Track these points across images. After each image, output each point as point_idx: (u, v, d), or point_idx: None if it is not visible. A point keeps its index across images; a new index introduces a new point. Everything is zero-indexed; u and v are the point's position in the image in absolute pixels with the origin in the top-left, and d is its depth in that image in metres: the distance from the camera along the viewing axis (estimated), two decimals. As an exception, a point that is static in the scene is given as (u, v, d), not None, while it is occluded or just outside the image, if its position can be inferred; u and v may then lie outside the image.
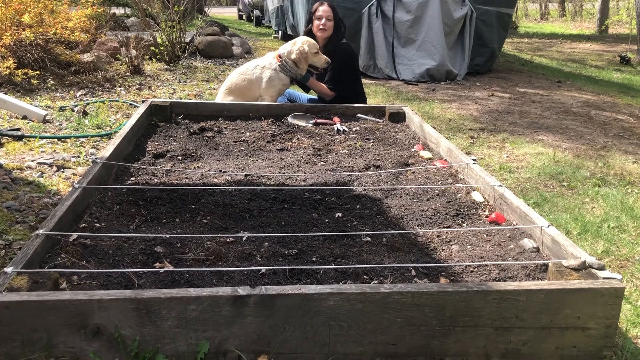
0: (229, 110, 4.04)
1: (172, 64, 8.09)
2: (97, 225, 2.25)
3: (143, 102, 4.03)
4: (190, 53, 8.78)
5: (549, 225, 2.19)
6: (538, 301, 1.73)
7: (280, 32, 13.50)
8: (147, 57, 7.86)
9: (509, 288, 1.73)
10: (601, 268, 1.88)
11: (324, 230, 2.33)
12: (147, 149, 3.27)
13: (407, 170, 3.09)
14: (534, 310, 1.73)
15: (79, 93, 5.84)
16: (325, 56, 4.16)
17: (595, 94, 7.77)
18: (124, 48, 7.51)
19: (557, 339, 1.78)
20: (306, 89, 4.69)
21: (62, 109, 5.06)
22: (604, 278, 1.81)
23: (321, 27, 4.29)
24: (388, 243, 2.26)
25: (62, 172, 3.46)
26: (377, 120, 4.14)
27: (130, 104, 5.47)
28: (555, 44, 15.43)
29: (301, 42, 4.14)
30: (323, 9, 4.30)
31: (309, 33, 4.39)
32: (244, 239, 2.20)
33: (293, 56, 4.12)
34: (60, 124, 4.58)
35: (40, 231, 1.97)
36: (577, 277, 1.84)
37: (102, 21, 8.81)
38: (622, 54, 11.73)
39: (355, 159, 3.28)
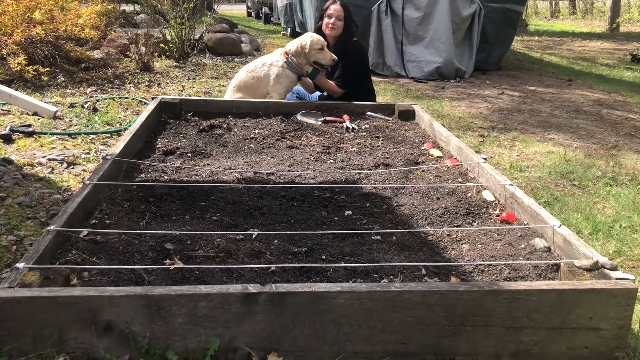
0: (238, 107, 4.04)
1: (181, 61, 8.11)
2: (108, 221, 2.25)
3: (152, 99, 4.04)
4: (199, 50, 8.80)
5: (560, 225, 2.17)
6: (550, 301, 1.71)
7: (288, 29, 13.49)
8: (157, 54, 7.88)
9: (520, 288, 1.72)
10: (614, 268, 1.86)
11: (333, 229, 2.33)
12: (157, 146, 3.27)
13: (416, 169, 3.08)
14: (546, 310, 1.72)
15: (89, 90, 5.87)
16: (331, 53, 4.13)
17: (606, 93, 7.70)
18: (133, 45, 7.53)
19: (568, 339, 1.76)
20: (315, 87, 4.67)
21: (72, 105, 5.08)
22: (616, 279, 1.80)
23: (330, 25, 4.27)
24: (398, 241, 2.25)
25: (73, 168, 3.48)
26: (386, 118, 4.13)
27: (140, 101, 5.49)
28: (565, 42, 15.32)
29: (305, 38, 4.13)
30: (334, 8, 4.27)
31: (319, 30, 4.38)
32: (254, 236, 2.20)
33: (293, 50, 4.11)
34: (71, 121, 4.60)
35: (51, 227, 1.98)
36: (590, 278, 1.83)
37: (111, 18, 8.85)
38: (634, 53, 11.62)
39: (365, 157, 3.27)
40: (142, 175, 2.82)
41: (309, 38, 4.11)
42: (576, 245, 2.02)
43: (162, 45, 7.85)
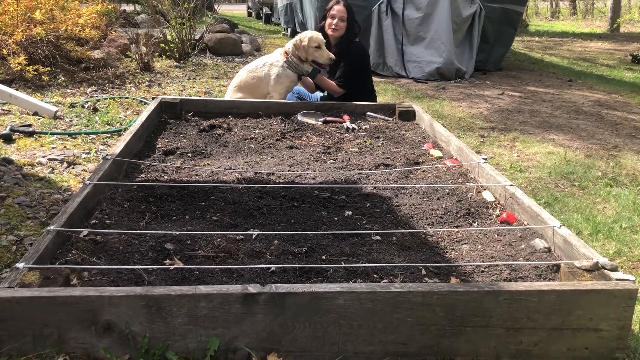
0: (238, 107, 4.04)
1: (181, 61, 8.11)
2: (108, 221, 2.25)
3: (153, 99, 4.04)
4: (199, 50, 8.79)
5: (560, 226, 2.17)
6: (550, 302, 1.71)
7: (289, 29, 13.49)
8: (157, 54, 7.87)
9: (521, 288, 1.71)
10: (614, 269, 1.86)
11: (333, 229, 2.33)
12: (157, 146, 3.27)
13: (417, 169, 3.08)
14: (546, 311, 1.72)
15: (90, 89, 5.86)
16: (328, 52, 4.11)
17: (606, 93, 7.70)
18: (134, 45, 7.53)
19: (568, 340, 1.76)
20: (316, 86, 4.66)
21: (72, 105, 5.08)
22: (616, 279, 1.80)
23: (333, 26, 4.27)
24: (398, 242, 2.25)
25: (73, 168, 3.47)
26: (386, 118, 4.12)
27: (140, 101, 5.48)
28: (566, 42, 15.31)
29: (303, 34, 4.12)
30: (338, 9, 4.26)
31: (321, 30, 4.37)
32: (254, 236, 2.20)
33: (291, 46, 4.10)
34: (71, 121, 4.60)
35: (51, 227, 1.98)
36: (590, 278, 1.83)
37: (112, 18, 8.85)
38: (634, 53, 11.61)
39: (365, 157, 3.27)
40: (142, 175, 2.82)
41: (308, 34, 4.10)
42: (576, 246, 2.02)
43: (163, 45, 7.85)
